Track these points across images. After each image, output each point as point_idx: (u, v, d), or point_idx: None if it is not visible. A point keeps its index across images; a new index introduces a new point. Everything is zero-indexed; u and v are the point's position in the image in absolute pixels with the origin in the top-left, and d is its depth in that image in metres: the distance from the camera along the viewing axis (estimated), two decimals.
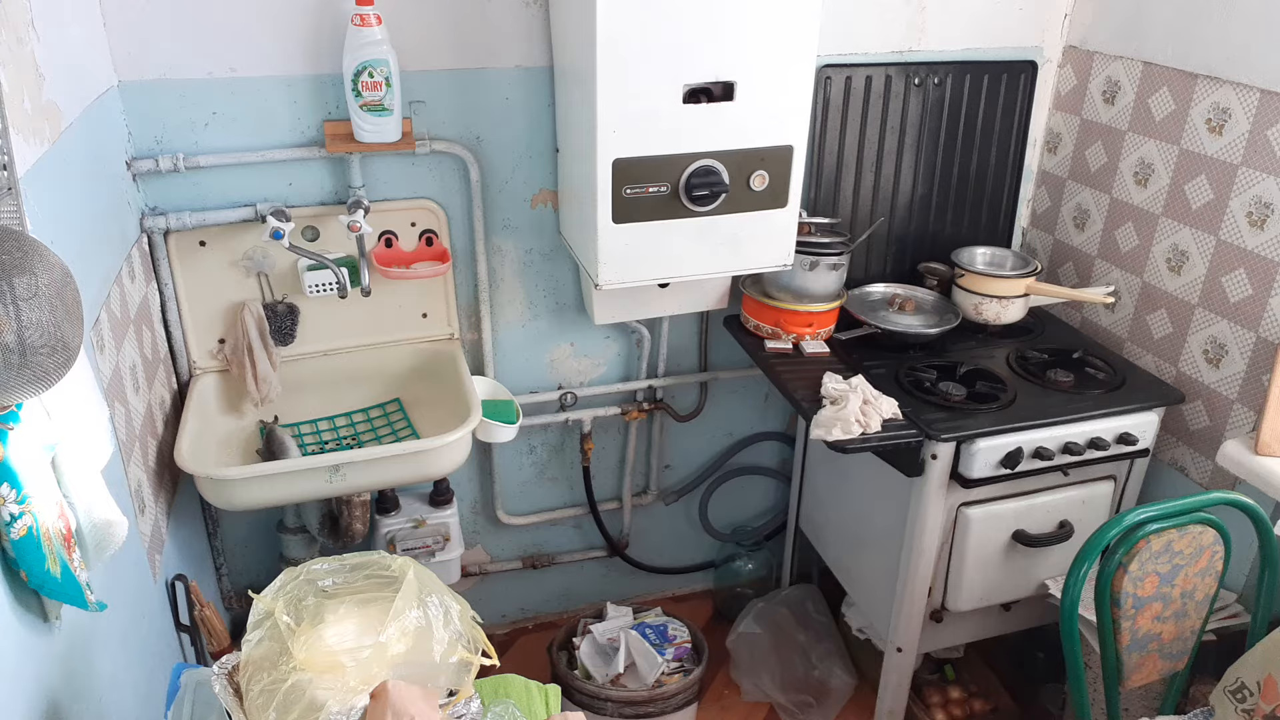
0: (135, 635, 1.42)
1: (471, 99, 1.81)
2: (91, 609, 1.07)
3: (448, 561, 2.04)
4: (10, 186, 1.01)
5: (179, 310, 1.79)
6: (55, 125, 1.27)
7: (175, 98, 1.66)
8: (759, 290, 2.00)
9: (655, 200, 1.64)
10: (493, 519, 2.27)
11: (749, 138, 1.64)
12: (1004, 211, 2.22)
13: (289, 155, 1.74)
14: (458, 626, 1.15)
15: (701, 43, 1.54)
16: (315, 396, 1.93)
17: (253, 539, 2.08)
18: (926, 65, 2.04)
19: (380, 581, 1.18)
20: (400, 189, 1.85)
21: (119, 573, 1.35)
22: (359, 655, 1.07)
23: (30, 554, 0.97)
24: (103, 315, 1.38)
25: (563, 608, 2.50)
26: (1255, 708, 1.38)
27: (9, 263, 0.86)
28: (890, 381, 1.84)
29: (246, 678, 1.08)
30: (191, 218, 1.71)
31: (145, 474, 1.55)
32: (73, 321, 0.92)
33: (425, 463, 1.70)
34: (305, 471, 1.64)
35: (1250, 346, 1.75)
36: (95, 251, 1.41)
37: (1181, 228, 1.87)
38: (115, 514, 1.12)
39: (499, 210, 1.93)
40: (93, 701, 1.21)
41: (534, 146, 1.89)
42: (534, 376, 2.15)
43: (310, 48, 1.69)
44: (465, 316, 2.01)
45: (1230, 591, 1.79)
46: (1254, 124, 1.69)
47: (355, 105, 1.66)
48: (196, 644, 1.71)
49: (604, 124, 1.55)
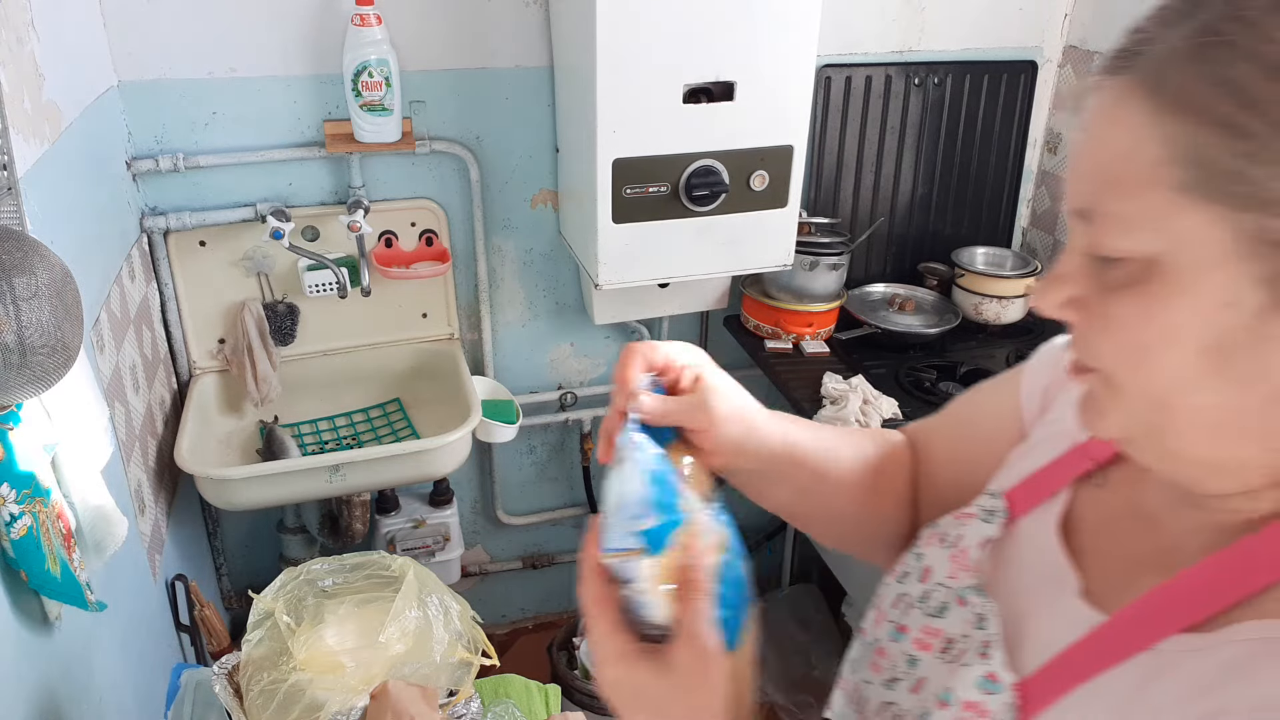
0: (135, 635, 1.42)
1: (471, 99, 1.81)
2: (91, 609, 1.07)
3: (448, 561, 2.04)
4: (10, 186, 1.01)
5: (179, 310, 1.79)
6: (55, 125, 1.27)
7: (175, 98, 1.66)
8: (759, 290, 2.00)
9: (655, 200, 1.64)
10: (493, 519, 2.27)
11: (749, 138, 1.64)
12: (1004, 211, 2.22)
13: (289, 155, 1.74)
14: (458, 626, 1.15)
15: (701, 43, 1.53)
16: (315, 396, 1.93)
17: (253, 539, 2.08)
18: (926, 65, 2.04)
19: (380, 581, 1.18)
20: (400, 189, 1.85)
21: (119, 573, 1.35)
22: (359, 655, 1.07)
23: (30, 554, 0.97)
24: (103, 315, 1.38)
25: (563, 608, 2.50)
26: None
27: (9, 263, 0.86)
28: (890, 381, 1.84)
29: (246, 678, 1.08)
30: (191, 218, 1.71)
31: (145, 474, 1.55)
32: (73, 321, 0.92)
33: (425, 463, 1.70)
34: (305, 471, 1.64)
35: None
36: (95, 251, 1.41)
37: None
38: (115, 514, 1.12)
39: (499, 210, 1.93)
40: (93, 701, 1.21)
41: (534, 146, 1.89)
42: (534, 376, 2.15)
43: (310, 48, 1.69)
44: (465, 316, 2.01)
45: None
46: None
47: (355, 105, 1.66)
48: (196, 644, 1.71)
49: (604, 124, 1.55)
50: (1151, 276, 0.45)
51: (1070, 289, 0.50)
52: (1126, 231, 0.46)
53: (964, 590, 0.62)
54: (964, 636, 0.59)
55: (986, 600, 0.60)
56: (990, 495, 0.66)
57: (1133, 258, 0.46)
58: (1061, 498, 0.62)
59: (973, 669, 0.56)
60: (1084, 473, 0.62)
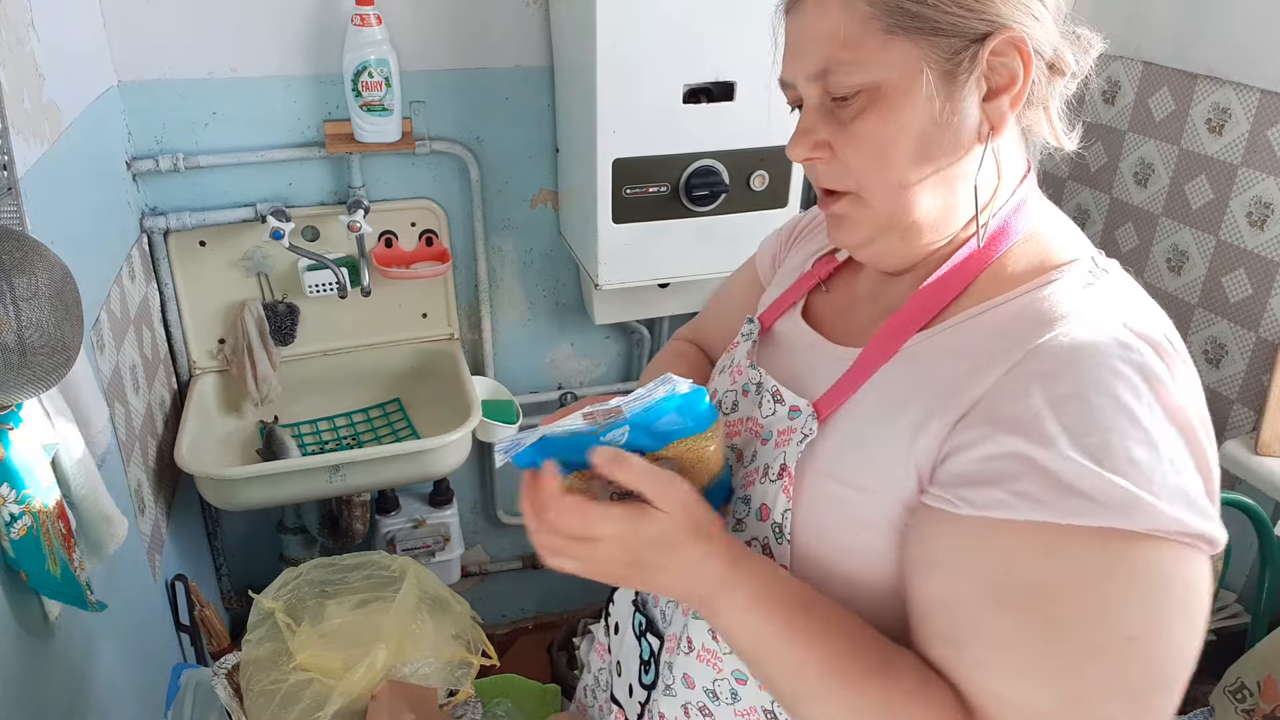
0: (135, 635, 1.42)
1: (471, 99, 1.81)
2: (91, 609, 1.07)
3: (448, 561, 2.04)
4: (10, 186, 1.01)
5: (179, 310, 1.79)
6: (55, 125, 1.27)
7: (175, 98, 1.66)
8: None
9: (655, 200, 1.64)
10: (493, 519, 2.27)
11: (749, 138, 1.64)
12: None
13: (289, 155, 1.74)
14: (458, 626, 1.15)
15: (701, 43, 1.53)
16: (315, 396, 1.93)
17: (253, 539, 2.08)
18: None
19: (380, 581, 1.18)
20: (400, 189, 1.85)
21: (119, 573, 1.35)
22: (359, 655, 1.07)
23: (30, 554, 0.97)
24: (103, 315, 1.38)
25: (563, 608, 2.50)
26: (1255, 708, 1.38)
27: (9, 263, 0.86)
28: None
29: (246, 678, 1.08)
30: (191, 218, 1.71)
31: (145, 474, 1.55)
32: (73, 321, 0.92)
33: (425, 463, 1.70)
34: (305, 471, 1.64)
35: (1250, 347, 1.75)
36: (95, 251, 1.41)
37: (1181, 228, 1.87)
38: (115, 514, 1.12)
39: (499, 210, 1.93)
40: (93, 701, 1.21)
41: (534, 146, 1.89)
42: (534, 376, 2.15)
43: (310, 48, 1.69)
44: (465, 316, 2.01)
45: (1230, 591, 1.79)
46: (1254, 124, 1.69)
47: (355, 105, 1.66)
48: (196, 644, 1.71)
49: (604, 124, 1.55)
50: (879, 99, 0.66)
51: (816, 135, 0.70)
52: (856, 70, 0.66)
53: (745, 384, 0.83)
54: (757, 406, 0.79)
55: (763, 374, 0.80)
56: (748, 321, 0.89)
57: (862, 89, 0.66)
58: (799, 306, 0.85)
59: (779, 408, 0.76)
60: (812, 286, 0.86)
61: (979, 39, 0.65)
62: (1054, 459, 0.58)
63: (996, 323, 0.66)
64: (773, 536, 0.72)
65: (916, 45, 0.64)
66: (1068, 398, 0.59)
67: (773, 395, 0.78)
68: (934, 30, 0.64)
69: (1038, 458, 0.58)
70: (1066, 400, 0.59)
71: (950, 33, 0.64)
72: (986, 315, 0.67)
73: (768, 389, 0.79)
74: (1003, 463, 0.60)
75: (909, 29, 0.64)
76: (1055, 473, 0.58)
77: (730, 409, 0.84)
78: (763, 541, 0.73)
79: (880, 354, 0.70)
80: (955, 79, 0.65)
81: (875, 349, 0.71)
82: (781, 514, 0.71)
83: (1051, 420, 0.59)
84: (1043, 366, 0.61)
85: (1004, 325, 0.65)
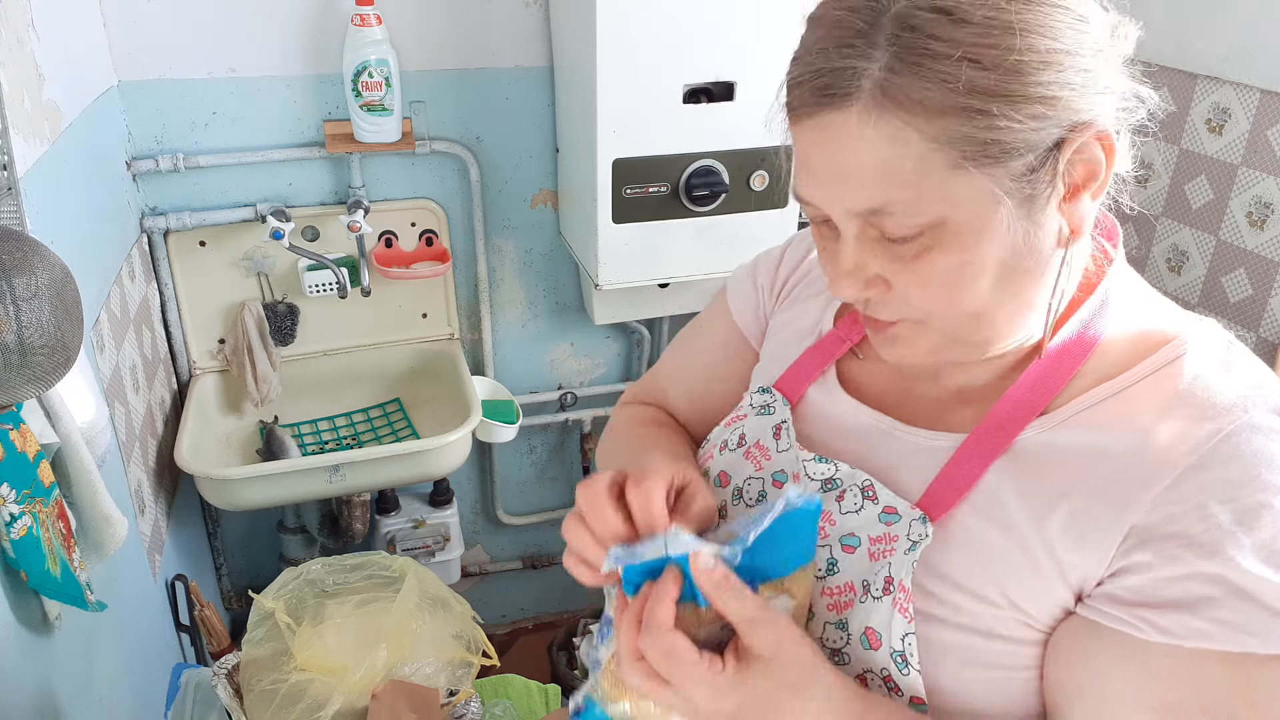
0: (135, 635, 1.42)
1: (471, 99, 1.81)
2: (91, 609, 1.07)
3: (448, 561, 2.04)
4: (10, 186, 1.01)
5: (179, 310, 1.79)
6: (55, 125, 1.27)
7: (175, 98, 1.66)
8: None
9: (655, 200, 1.64)
10: (493, 519, 2.27)
11: (749, 138, 1.64)
12: None
13: (289, 155, 1.74)
14: (458, 627, 1.15)
15: (701, 43, 1.53)
16: (315, 396, 1.93)
17: (253, 539, 2.08)
18: None
19: (380, 581, 1.18)
20: (400, 189, 1.85)
21: (119, 573, 1.35)
22: (359, 655, 1.07)
23: (30, 554, 0.97)
24: (103, 315, 1.38)
25: (563, 608, 2.49)
26: None
27: (9, 263, 0.86)
28: None
29: (246, 678, 1.08)
30: (191, 218, 1.71)
31: (145, 474, 1.55)
32: (73, 321, 0.92)
33: (425, 463, 1.70)
34: (305, 471, 1.64)
35: (1250, 347, 1.74)
36: (95, 251, 1.41)
37: (1181, 228, 1.87)
38: (115, 514, 1.12)
39: (499, 210, 1.93)
40: (93, 701, 1.21)
41: (534, 146, 1.89)
42: (534, 376, 2.15)
43: (310, 48, 1.69)
44: (465, 316, 2.01)
45: None
46: (1254, 124, 1.69)
47: (355, 105, 1.66)
48: (196, 644, 1.71)
49: (604, 124, 1.55)
50: (946, 236, 0.57)
51: (867, 273, 0.61)
52: (918, 211, 0.56)
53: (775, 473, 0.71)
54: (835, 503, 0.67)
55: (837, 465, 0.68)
56: (760, 391, 0.77)
57: (922, 229, 0.57)
58: (830, 373, 0.74)
59: (869, 507, 0.65)
60: (844, 351, 0.75)
61: (1055, 146, 0.56)
62: (1253, 581, 0.53)
63: (1133, 411, 0.60)
64: (894, 667, 0.62)
65: (988, 175, 0.55)
66: (1255, 510, 0.54)
67: (863, 490, 0.66)
68: (1006, 154, 0.55)
69: (1234, 579, 0.54)
70: (1254, 513, 0.54)
71: (1024, 150, 0.55)
72: (1114, 402, 0.61)
73: (851, 482, 0.67)
74: (1194, 585, 0.54)
75: (978, 159, 0.55)
76: (1256, 595, 0.53)
77: (755, 500, 0.72)
78: (882, 675, 0.63)
79: (991, 445, 0.62)
80: (1035, 201, 0.57)
81: (984, 439, 0.63)
82: (901, 639, 0.61)
83: (1244, 537, 0.54)
84: (1219, 475, 0.55)
85: (1148, 417, 0.59)
